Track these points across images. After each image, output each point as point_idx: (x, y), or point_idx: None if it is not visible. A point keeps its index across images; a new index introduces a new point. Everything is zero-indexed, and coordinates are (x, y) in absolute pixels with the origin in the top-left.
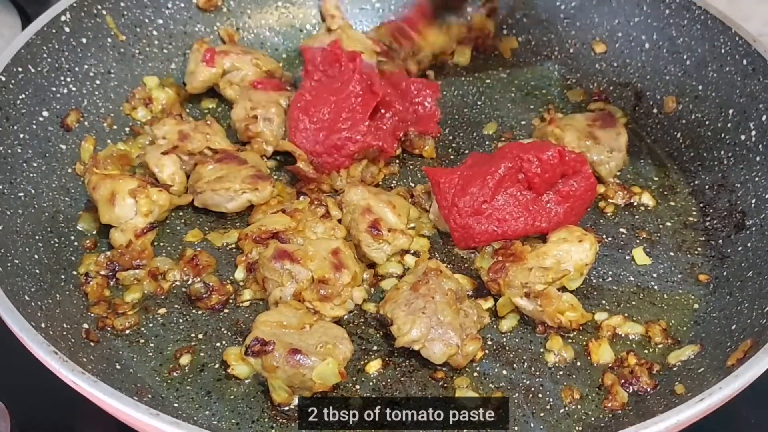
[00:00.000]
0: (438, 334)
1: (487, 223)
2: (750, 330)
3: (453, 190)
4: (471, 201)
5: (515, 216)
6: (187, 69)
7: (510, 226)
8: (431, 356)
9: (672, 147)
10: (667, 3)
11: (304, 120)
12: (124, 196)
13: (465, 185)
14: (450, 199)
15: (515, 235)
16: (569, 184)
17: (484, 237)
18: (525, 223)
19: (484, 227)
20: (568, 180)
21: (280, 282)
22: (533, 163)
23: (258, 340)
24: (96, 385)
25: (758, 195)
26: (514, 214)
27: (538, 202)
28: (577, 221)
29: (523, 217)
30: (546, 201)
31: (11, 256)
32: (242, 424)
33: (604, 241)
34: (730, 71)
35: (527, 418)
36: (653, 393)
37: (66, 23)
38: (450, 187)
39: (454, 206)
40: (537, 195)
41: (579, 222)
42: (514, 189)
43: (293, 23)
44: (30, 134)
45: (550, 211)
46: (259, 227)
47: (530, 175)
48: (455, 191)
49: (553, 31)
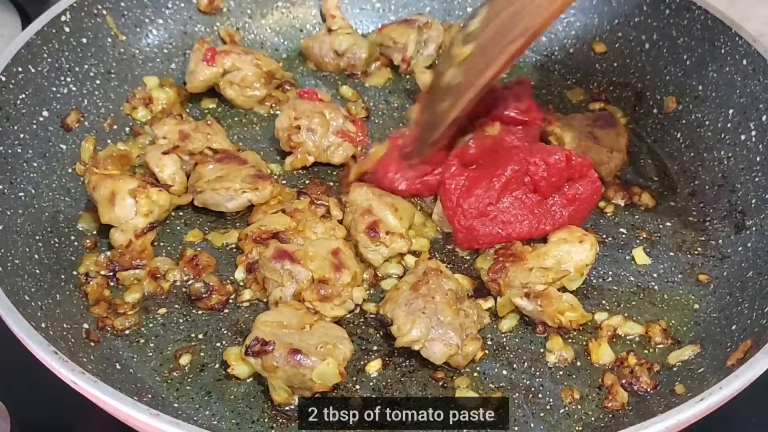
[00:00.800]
0: (438, 334)
1: (491, 225)
2: (750, 330)
3: (458, 192)
4: (476, 203)
5: (520, 219)
6: (188, 68)
7: (514, 229)
8: (431, 356)
9: (672, 147)
10: (667, 3)
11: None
12: (124, 196)
13: (470, 187)
14: (455, 200)
15: (519, 238)
16: (575, 188)
17: (488, 239)
18: (529, 226)
19: (489, 229)
20: (573, 184)
21: (280, 282)
22: (540, 166)
23: (258, 340)
24: (96, 385)
25: (758, 195)
26: (519, 217)
27: (543, 205)
28: (581, 224)
29: (528, 220)
30: (551, 204)
31: (11, 256)
32: (242, 424)
33: (604, 241)
34: (730, 71)
35: (527, 418)
36: (653, 393)
37: (66, 23)
38: (455, 189)
39: (458, 207)
40: (542, 198)
41: (582, 224)
42: (519, 192)
43: (293, 23)
44: (30, 134)
45: (555, 214)
46: (259, 227)
47: (536, 179)
48: (460, 192)
49: (553, 31)
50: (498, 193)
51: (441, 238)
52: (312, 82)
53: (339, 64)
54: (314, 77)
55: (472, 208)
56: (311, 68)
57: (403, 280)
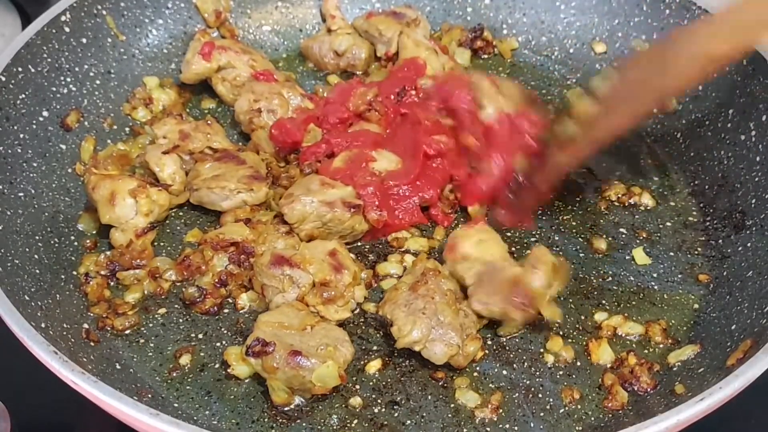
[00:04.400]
0: (439, 334)
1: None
2: (750, 330)
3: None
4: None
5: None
6: (185, 57)
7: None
8: (432, 357)
9: (672, 147)
10: (667, 3)
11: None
12: (124, 196)
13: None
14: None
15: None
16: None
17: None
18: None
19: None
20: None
21: (281, 288)
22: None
23: (259, 340)
24: (96, 385)
25: (758, 195)
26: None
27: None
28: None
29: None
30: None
31: (11, 256)
32: (242, 424)
33: (605, 241)
34: (730, 71)
35: (527, 418)
36: (653, 393)
37: (66, 23)
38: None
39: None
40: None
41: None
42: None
43: (293, 23)
44: (30, 134)
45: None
46: (218, 235)
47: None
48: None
49: (553, 31)
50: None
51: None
52: (312, 82)
53: (339, 64)
54: (314, 77)
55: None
56: (311, 68)
57: (401, 281)
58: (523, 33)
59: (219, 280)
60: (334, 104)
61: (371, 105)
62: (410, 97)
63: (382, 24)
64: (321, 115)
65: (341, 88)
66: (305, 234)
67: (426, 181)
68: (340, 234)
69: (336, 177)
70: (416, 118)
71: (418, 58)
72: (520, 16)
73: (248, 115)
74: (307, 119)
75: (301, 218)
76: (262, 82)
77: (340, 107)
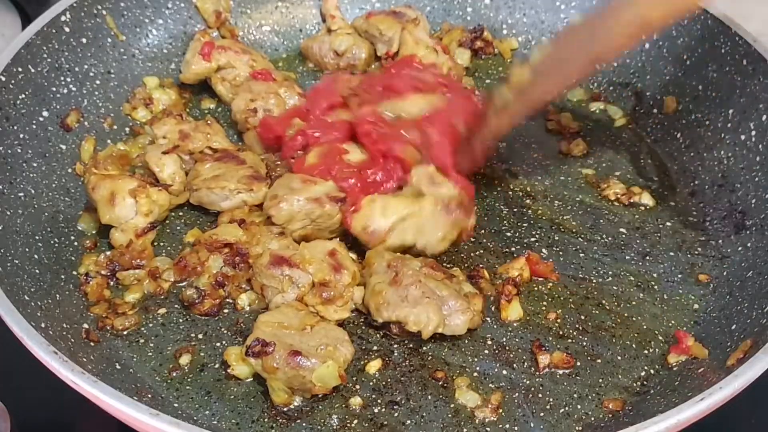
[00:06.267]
0: (448, 308)
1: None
2: (750, 330)
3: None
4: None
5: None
6: (185, 57)
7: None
8: (456, 330)
9: (672, 147)
10: None
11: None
12: (124, 196)
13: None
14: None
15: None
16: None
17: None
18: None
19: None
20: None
21: (280, 288)
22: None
23: (259, 340)
24: (96, 385)
25: (758, 195)
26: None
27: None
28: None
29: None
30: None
31: (11, 256)
32: (242, 424)
33: (605, 241)
34: (730, 71)
35: (527, 418)
36: (654, 393)
37: (66, 23)
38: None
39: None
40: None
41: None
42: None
43: (293, 23)
44: (30, 134)
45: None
46: (211, 235)
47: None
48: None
49: (553, 31)
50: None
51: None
52: (312, 82)
53: (339, 64)
54: (314, 77)
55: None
56: (311, 68)
57: (375, 282)
58: (523, 33)
59: (216, 281)
60: (323, 90)
61: (355, 91)
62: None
63: (383, 23)
64: (307, 105)
65: (330, 77)
66: (297, 235)
67: (397, 162)
68: (329, 229)
69: (313, 173)
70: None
71: (414, 56)
72: (520, 16)
73: (244, 115)
74: (292, 113)
75: (289, 218)
76: (260, 81)
77: (329, 93)
